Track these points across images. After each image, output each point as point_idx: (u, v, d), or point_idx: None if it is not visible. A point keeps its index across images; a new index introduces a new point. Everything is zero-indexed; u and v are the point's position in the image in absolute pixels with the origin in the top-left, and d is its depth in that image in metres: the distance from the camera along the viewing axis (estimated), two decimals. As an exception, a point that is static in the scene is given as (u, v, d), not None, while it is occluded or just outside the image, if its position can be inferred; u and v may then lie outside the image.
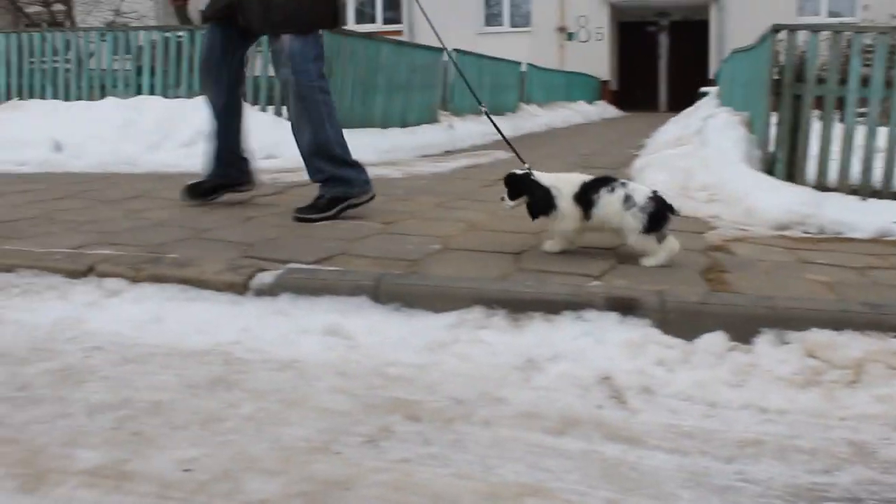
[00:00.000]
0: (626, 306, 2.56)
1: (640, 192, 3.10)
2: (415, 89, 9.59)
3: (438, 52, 10.47)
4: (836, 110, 4.95)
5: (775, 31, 5.04)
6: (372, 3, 25.25)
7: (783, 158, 5.03)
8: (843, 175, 4.90)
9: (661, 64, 24.79)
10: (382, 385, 2.18)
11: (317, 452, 1.80)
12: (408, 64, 9.45)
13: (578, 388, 2.19)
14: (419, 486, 1.67)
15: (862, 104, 4.88)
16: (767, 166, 5.06)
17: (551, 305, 2.58)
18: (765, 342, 2.41)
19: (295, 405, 2.05)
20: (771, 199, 4.27)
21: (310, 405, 2.05)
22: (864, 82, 4.84)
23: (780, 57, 5.03)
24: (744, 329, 2.43)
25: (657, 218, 3.05)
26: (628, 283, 2.79)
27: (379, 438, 1.87)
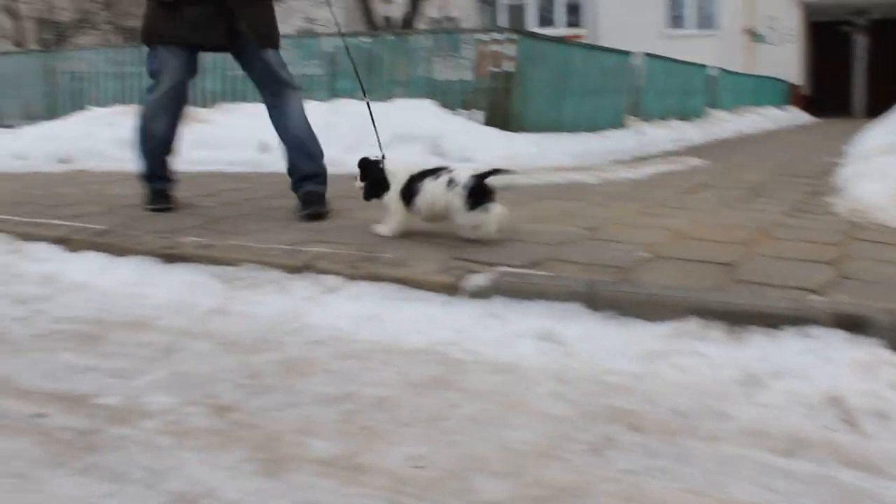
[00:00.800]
0: (853, 324, 2.41)
1: (462, 174, 3.31)
2: (604, 93, 9.49)
3: (627, 55, 10.31)
4: None
5: None
6: (551, 7, 25.20)
7: None
8: None
9: (856, 66, 23.37)
10: (601, 393, 2.14)
11: (543, 457, 1.79)
12: (598, 67, 9.36)
13: (805, 408, 2.07)
14: (650, 499, 1.63)
15: None
16: None
17: (772, 319, 2.46)
18: None
19: (515, 408, 2.04)
20: None
21: (530, 409, 2.04)
22: None
23: None
24: None
25: (478, 194, 3.25)
26: (853, 299, 2.63)
27: (603, 447, 1.84)
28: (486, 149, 6.65)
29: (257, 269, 3.04)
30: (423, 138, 6.68)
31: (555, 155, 6.90)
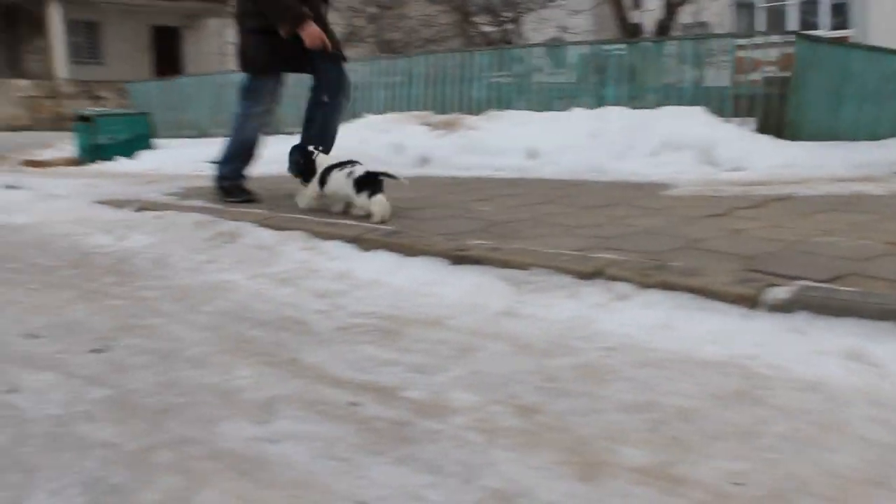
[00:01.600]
0: None
1: (359, 170, 4.42)
2: (886, 99, 8.78)
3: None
4: None
5: None
6: (815, 8, 23.60)
7: None
8: None
9: None
10: (925, 421, 1.97)
11: (873, 486, 1.67)
12: (879, 71, 8.68)
13: None
14: None
15: None
16: None
17: None
18: None
19: (830, 430, 1.93)
20: None
21: (846, 432, 1.91)
22: None
23: None
24: None
25: (364, 183, 4.34)
26: None
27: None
28: (759, 158, 6.36)
29: (545, 273, 3.08)
30: (692, 146, 6.49)
31: (832, 164, 6.46)
